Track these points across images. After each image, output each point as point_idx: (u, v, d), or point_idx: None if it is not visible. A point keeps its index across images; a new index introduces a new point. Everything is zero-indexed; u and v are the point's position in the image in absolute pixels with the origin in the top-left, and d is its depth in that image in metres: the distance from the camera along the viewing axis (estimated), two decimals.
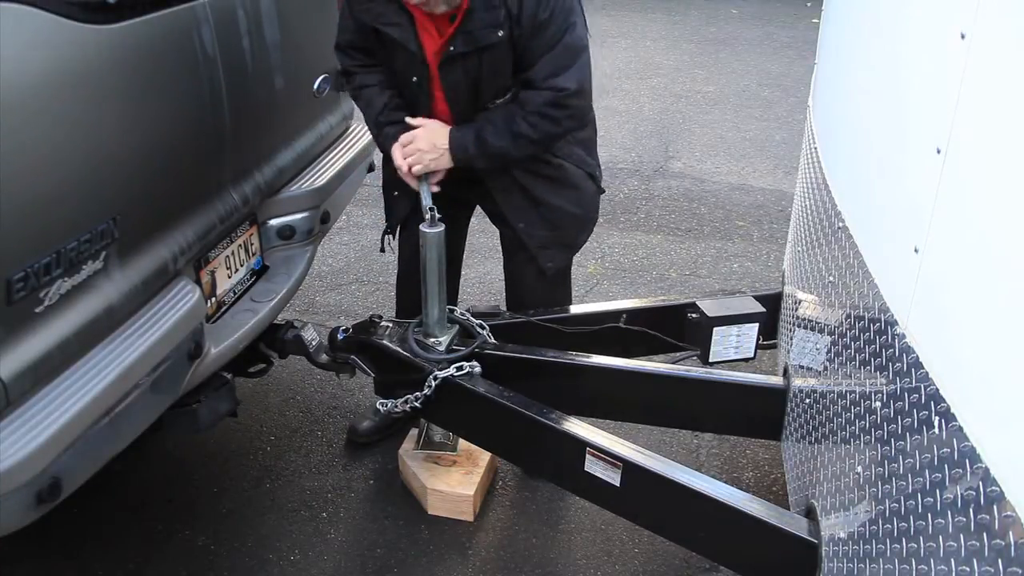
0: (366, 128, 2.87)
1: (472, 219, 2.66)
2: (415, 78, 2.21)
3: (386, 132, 2.29)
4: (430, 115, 2.25)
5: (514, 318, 2.46)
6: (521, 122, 2.14)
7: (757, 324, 2.40)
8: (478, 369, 2.18)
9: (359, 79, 2.32)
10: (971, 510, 1.03)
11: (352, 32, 2.27)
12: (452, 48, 2.11)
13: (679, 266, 3.93)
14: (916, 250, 1.28)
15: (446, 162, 2.21)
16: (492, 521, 2.47)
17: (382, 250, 2.59)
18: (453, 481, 2.46)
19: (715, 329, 2.37)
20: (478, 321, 2.36)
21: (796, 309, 2.21)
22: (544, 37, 2.08)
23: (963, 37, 1.16)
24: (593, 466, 1.95)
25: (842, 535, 1.53)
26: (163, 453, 2.71)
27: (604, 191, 2.52)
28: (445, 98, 2.22)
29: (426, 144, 2.20)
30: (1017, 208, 1.00)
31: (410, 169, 2.23)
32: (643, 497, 1.94)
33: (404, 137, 2.23)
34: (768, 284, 3.67)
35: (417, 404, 2.22)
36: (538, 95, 2.13)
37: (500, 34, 2.07)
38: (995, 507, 0.98)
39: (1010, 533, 0.95)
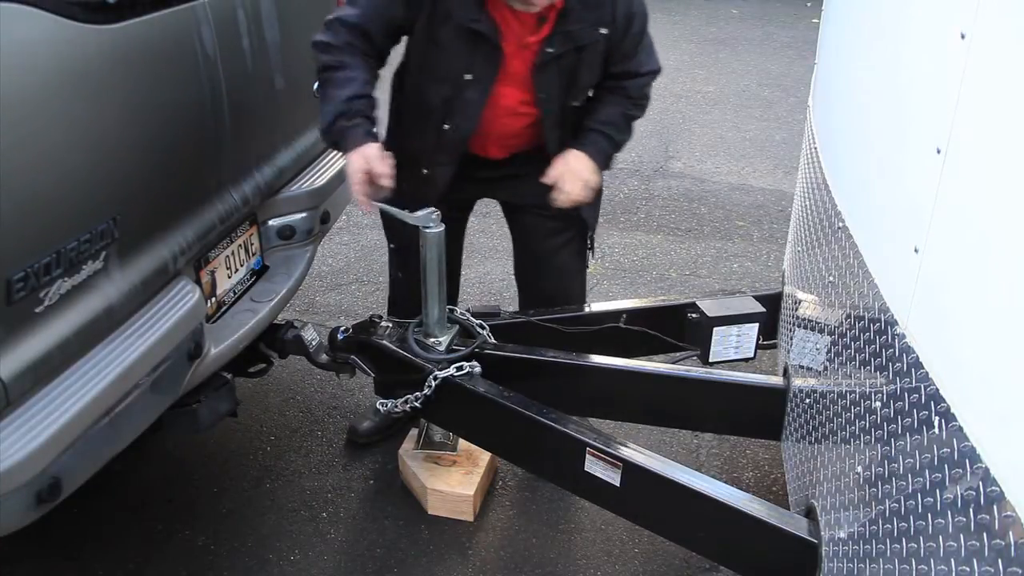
0: None
1: (471, 218, 2.67)
2: (469, 76, 2.14)
3: (356, 124, 2.05)
4: (477, 115, 2.20)
5: (514, 318, 2.46)
6: (635, 109, 2.34)
7: (757, 324, 2.40)
8: (478, 369, 2.18)
9: (346, 58, 2.09)
10: (971, 510, 1.03)
11: (373, 20, 2.10)
12: (550, 49, 2.12)
13: (679, 266, 3.93)
14: (916, 250, 1.28)
15: (598, 180, 2.30)
16: (492, 521, 2.47)
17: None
18: (453, 481, 2.46)
19: (715, 329, 2.37)
20: (478, 321, 2.36)
21: (796, 309, 2.21)
22: (634, 30, 2.20)
23: (963, 37, 1.16)
24: (593, 466, 1.95)
25: (842, 535, 1.53)
26: (163, 453, 2.71)
27: None
28: (535, 100, 2.21)
29: (585, 171, 2.23)
30: (1017, 208, 1.00)
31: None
32: (643, 497, 1.94)
33: (558, 178, 2.20)
34: (768, 284, 3.67)
35: (417, 404, 2.22)
36: (641, 80, 2.29)
37: (603, 31, 2.14)
38: (995, 507, 0.98)
39: (1010, 533, 0.95)
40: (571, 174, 2.21)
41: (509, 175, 2.37)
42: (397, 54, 2.28)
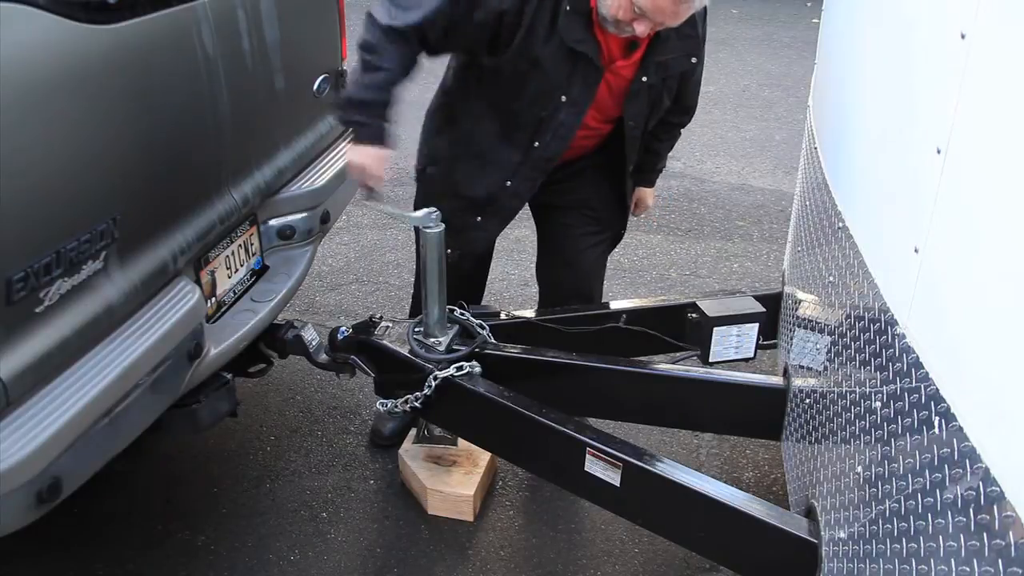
0: None
1: None
2: (564, 98, 2.13)
3: (387, 115, 2.06)
4: (571, 136, 2.20)
5: (514, 318, 2.46)
6: (676, 140, 2.59)
7: (757, 324, 2.39)
8: (478, 369, 2.18)
9: (398, 49, 2.02)
10: (971, 510, 1.03)
11: (454, 33, 2.05)
12: (645, 78, 2.15)
13: (679, 266, 3.93)
14: (916, 250, 1.28)
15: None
16: (492, 521, 2.47)
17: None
18: (453, 481, 2.46)
19: (715, 329, 2.37)
20: (478, 321, 2.36)
21: (796, 309, 2.21)
22: (702, 61, 2.30)
23: (963, 37, 1.16)
24: (593, 466, 1.95)
25: (842, 535, 1.53)
26: (163, 453, 2.71)
27: None
28: (626, 127, 2.26)
29: (653, 200, 2.71)
30: (1017, 208, 1.00)
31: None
32: (643, 497, 1.94)
33: (641, 213, 2.70)
34: (768, 284, 3.67)
35: (417, 404, 2.22)
36: (693, 113, 2.49)
37: (694, 60, 2.23)
38: (995, 507, 0.98)
39: (1010, 533, 0.95)
40: (648, 211, 2.73)
41: (556, 180, 2.40)
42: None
